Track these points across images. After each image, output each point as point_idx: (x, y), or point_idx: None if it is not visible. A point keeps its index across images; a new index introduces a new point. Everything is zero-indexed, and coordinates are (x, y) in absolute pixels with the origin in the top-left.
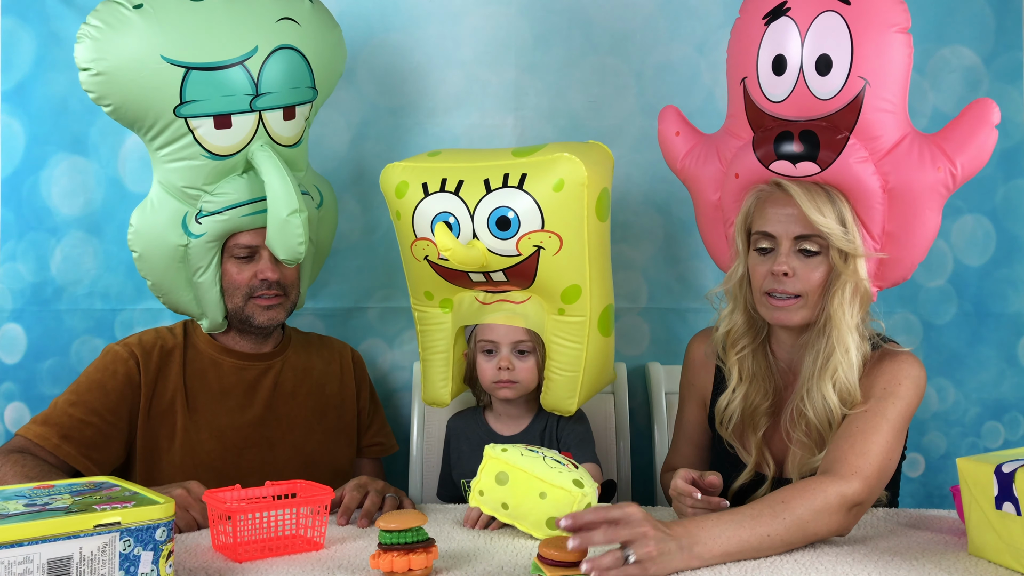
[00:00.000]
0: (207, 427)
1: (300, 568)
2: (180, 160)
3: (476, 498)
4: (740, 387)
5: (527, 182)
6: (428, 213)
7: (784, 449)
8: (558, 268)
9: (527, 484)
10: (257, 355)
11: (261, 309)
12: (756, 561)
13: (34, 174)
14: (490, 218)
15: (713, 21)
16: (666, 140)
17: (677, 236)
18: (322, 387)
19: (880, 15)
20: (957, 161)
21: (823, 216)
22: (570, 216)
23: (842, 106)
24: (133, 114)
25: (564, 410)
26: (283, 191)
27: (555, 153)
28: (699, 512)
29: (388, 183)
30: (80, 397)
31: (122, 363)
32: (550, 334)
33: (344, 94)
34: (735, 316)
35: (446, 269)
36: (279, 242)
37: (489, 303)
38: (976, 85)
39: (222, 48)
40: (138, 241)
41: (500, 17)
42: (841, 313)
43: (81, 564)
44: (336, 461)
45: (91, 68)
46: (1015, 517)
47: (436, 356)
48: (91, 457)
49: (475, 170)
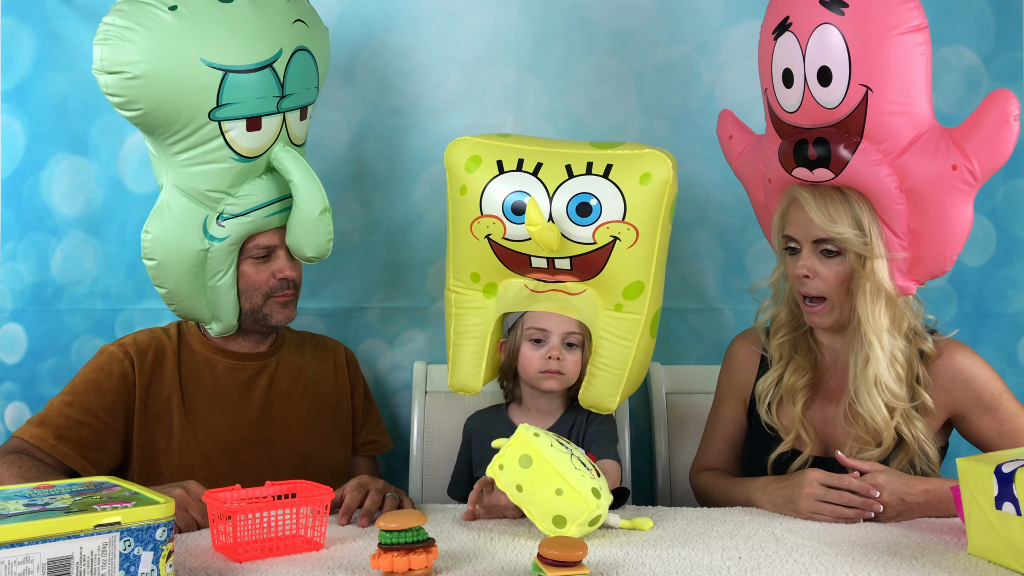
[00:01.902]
0: (203, 428)
1: (300, 568)
2: (206, 163)
3: (495, 469)
4: (778, 367)
5: (613, 172)
6: (501, 191)
7: (824, 424)
8: (628, 262)
9: (548, 476)
10: (252, 355)
11: (279, 307)
12: (756, 561)
13: (34, 174)
14: (571, 203)
15: (713, 21)
16: (722, 144)
17: (677, 236)
18: (316, 386)
19: (877, 21)
20: (973, 158)
21: (834, 223)
22: (650, 212)
23: (847, 113)
24: (163, 118)
25: (604, 408)
26: (314, 190)
27: (642, 149)
28: (838, 513)
29: (457, 156)
30: (76, 398)
31: (117, 363)
32: (601, 329)
33: (344, 94)
34: (778, 307)
35: (507, 251)
36: (309, 240)
37: (542, 291)
38: (976, 85)
39: (255, 50)
40: (157, 249)
41: (500, 17)
42: (867, 315)
43: (81, 564)
44: (332, 460)
45: (126, 71)
46: (1015, 517)
47: (470, 341)
48: (88, 457)
49: (554, 155)
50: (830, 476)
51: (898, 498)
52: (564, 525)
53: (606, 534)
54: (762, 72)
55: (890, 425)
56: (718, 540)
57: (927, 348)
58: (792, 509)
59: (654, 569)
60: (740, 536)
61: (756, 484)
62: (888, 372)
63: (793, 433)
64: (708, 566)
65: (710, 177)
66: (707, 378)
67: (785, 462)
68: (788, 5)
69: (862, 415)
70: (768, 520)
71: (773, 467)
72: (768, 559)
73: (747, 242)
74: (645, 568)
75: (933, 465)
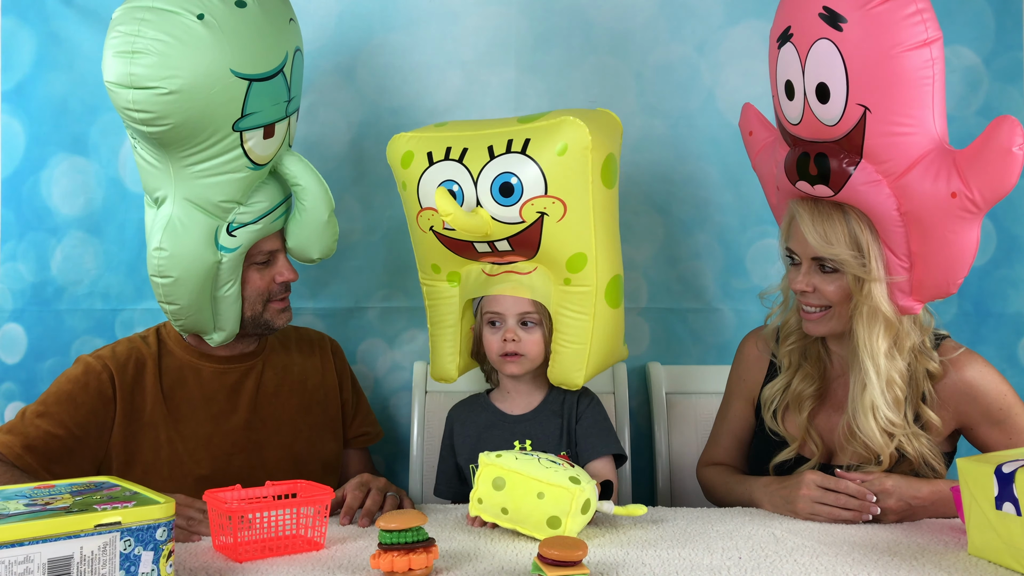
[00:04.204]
0: (192, 436)
1: (300, 568)
2: (221, 175)
3: (476, 506)
4: (787, 373)
5: (530, 147)
6: (433, 182)
7: (830, 432)
8: (563, 235)
9: (524, 485)
10: (237, 357)
11: (279, 312)
12: (756, 561)
13: (34, 174)
14: (493, 184)
15: (713, 21)
16: (744, 139)
17: (677, 236)
18: (304, 382)
19: (878, 39)
20: (974, 187)
21: (829, 244)
22: (574, 181)
23: (846, 132)
24: (188, 133)
25: (571, 384)
26: (323, 192)
27: (560, 117)
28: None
29: (394, 154)
30: (48, 408)
31: (95, 376)
32: (556, 305)
33: (344, 94)
34: (788, 313)
35: (452, 240)
36: (317, 242)
37: (495, 274)
38: (976, 85)
39: (271, 56)
40: (173, 267)
41: (500, 17)
42: (864, 339)
43: (81, 564)
44: (324, 456)
45: (160, 87)
46: (1015, 517)
47: (445, 331)
48: (52, 470)
49: (479, 137)
50: (827, 478)
51: (905, 503)
52: (560, 524)
53: (606, 534)
54: (771, 78)
55: (890, 446)
56: (718, 540)
57: (932, 368)
58: (790, 510)
59: (654, 569)
60: (740, 536)
61: (758, 483)
62: (883, 399)
63: (798, 441)
64: (708, 566)
65: (710, 177)
66: (707, 378)
67: (789, 468)
68: (791, 14)
69: (860, 437)
70: (768, 520)
71: (777, 472)
72: (768, 559)
73: (747, 242)
74: (645, 568)
75: (939, 475)
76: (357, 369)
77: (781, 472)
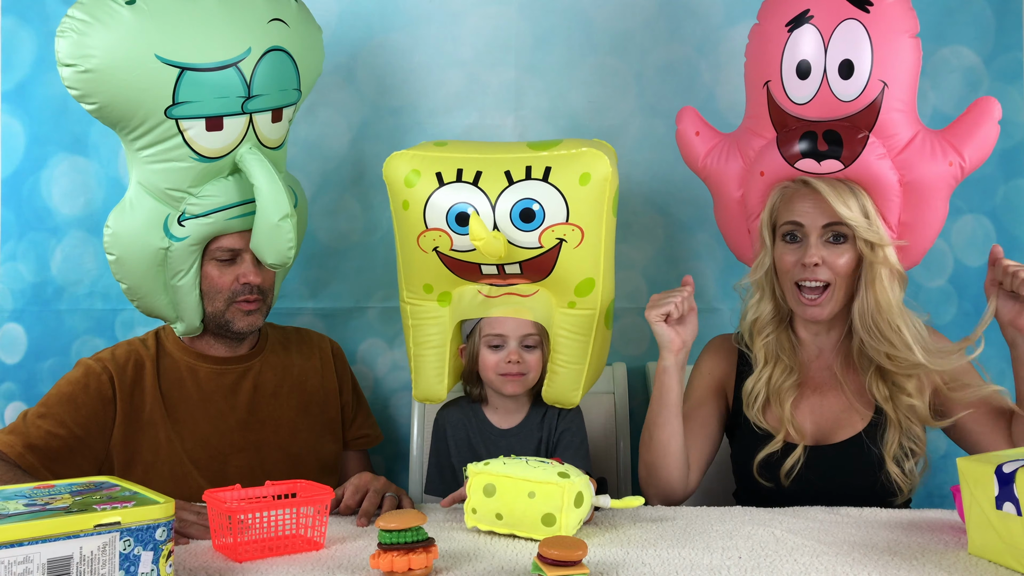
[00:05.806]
0: (191, 437)
1: (300, 568)
2: (165, 161)
3: (471, 517)
4: (766, 369)
5: (552, 175)
6: (443, 204)
7: (810, 417)
8: (576, 261)
9: (514, 489)
10: (234, 358)
11: (242, 315)
12: (756, 561)
13: (34, 174)
14: (514, 209)
15: (713, 21)
16: (686, 140)
17: (677, 236)
18: (303, 384)
19: (896, 21)
20: (965, 154)
21: (849, 210)
22: (593, 210)
23: (863, 107)
24: (119, 114)
25: (568, 402)
26: (274, 195)
27: (578, 148)
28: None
29: (395, 172)
30: (50, 409)
31: (95, 378)
32: (557, 327)
33: (344, 94)
34: (762, 305)
35: (456, 261)
36: (269, 247)
37: (495, 296)
38: (976, 85)
39: (218, 49)
40: (116, 244)
41: (500, 17)
42: (888, 297)
43: (81, 564)
44: (323, 457)
45: (77, 64)
46: (1015, 517)
47: (430, 351)
48: (53, 469)
49: (493, 162)
50: None
51: None
52: (555, 520)
53: (606, 533)
54: (761, 64)
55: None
56: (718, 540)
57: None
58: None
59: (654, 569)
60: (740, 536)
61: None
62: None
63: (782, 432)
64: (708, 566)
65: None
66: None
67: (776, 460)
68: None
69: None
70: (768, 520)
71: (763, 465)
72: (768, 559)
73: None
74: (645, 568)
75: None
76: (357, 369)
77: (769, 466)
